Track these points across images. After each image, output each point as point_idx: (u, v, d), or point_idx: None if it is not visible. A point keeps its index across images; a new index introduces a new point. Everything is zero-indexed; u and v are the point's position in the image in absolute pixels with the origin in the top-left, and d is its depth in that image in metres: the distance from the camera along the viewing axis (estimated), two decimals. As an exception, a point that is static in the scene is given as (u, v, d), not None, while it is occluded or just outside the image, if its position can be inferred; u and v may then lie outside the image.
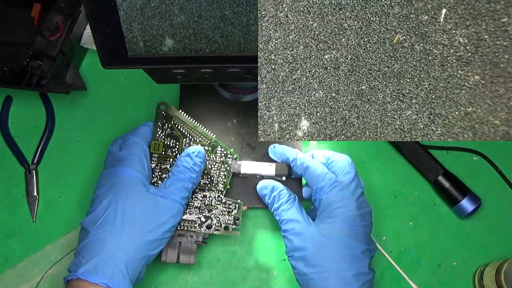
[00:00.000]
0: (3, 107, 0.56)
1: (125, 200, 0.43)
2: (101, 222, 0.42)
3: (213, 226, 0.48)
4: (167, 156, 0.49)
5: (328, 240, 0.42)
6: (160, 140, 0.50)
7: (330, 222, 0.43)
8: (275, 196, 0.47)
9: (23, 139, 0.55)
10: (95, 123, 0.56)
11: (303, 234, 0.43)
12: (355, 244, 0.42)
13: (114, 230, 0.42)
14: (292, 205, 0.46)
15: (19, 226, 0.52)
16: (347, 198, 0.44)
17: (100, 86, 0.57)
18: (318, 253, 0.42)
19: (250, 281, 0.51)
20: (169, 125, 0.50)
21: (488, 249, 0.52)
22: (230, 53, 0.34)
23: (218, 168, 0.50)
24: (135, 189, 0.44)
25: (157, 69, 0.37)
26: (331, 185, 0.44)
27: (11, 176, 0.54)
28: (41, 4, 0.50)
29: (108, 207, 0.43)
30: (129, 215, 0.43)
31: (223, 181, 0.49)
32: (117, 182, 0.44)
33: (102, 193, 0.44)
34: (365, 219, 0.44)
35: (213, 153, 0.50)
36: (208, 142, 0.50)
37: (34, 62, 0.49)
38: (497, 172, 0.54)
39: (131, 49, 0.33)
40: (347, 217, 0.43)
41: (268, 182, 0.48)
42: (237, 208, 0.48)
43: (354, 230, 0.43)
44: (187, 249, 0.48)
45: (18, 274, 0.50)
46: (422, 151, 0.53)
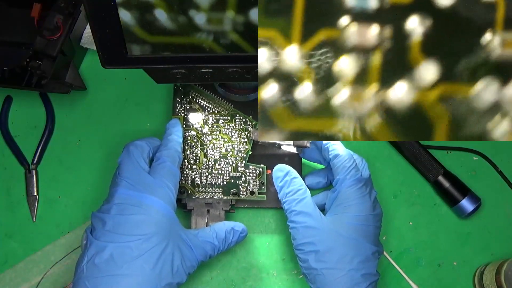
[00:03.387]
0: (3, 107, 0.56)
1: (161, 242, 0.40)
2: (123, 260, 0.39)
3: (239, 192, 0.49)
4: (188, 128, 0.51)
5: (342, 237, 0.42)
6: (180, 114, 0.51)
7: (345, 218, 0.43)
8: (287, 181, 0.45)
9: (23, 139, 0.55)
10: (95, 123, 0.56)
11: (316, 229, 0.42)
12: (367, 244, 0.42)
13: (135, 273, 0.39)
14: (305, 196, 0.44)
15: (19, 226, 0.52)
16: (365, 197, 0.44)
17: (100, 86, 0.57)
18: (330, 249, 0.42)
19: (250, 281, 0.51)
20: (187, 99, 0.51)
21: (488, 249, 0.52)
22: (230, 53, 0.34)
23: (239, 136, 0.51)
24: (173, 233, 0.41)
25: (157, 69, 0.37)
26: (355, 179, 0.44)
27: (11, 176, 0.54)
28: (41, 4, 0.50)
29: (142, 249, 0.39)
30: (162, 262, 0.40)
31: (245, 147, 0.50)
32: (154, 219, 0.40)
33: (134, 223, 0.40)
34: (378, 220, 0.44)
35: (232, 122, 0.51)
36: (226, 112, 0.51)
37: (34, 62, 0.49)
38: (497, 172, 0.54)
39: (131, 49, 0.33)
40: (362, 215, 0.43)
41: (285, 165, 0.47)
42: (262, 172, 0.49)
43: (367, 230, 0.43)
44: (215, 216, 0.49)
45: (18, 274, 0.50)
46: (422, 151, 0.53)
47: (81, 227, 0.52)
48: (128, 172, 0.42)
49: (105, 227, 0.40)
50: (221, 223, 0.46)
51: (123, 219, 0.40)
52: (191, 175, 0.50)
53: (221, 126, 0.51)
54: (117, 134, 0.55)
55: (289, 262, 0.51)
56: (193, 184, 0.50)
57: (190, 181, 0.50)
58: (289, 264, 0.51)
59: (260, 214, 0.53)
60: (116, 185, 0.42)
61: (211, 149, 0.51)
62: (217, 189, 0.50)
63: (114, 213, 0.40)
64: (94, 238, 0.40)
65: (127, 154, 0.43)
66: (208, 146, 0.51)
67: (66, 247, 0.51)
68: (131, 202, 0.40)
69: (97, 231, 0.40)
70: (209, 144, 0.51)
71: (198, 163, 0.50)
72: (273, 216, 0.52)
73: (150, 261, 0.39)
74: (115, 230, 0.39)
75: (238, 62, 0.35)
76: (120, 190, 0.41)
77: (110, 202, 0.41)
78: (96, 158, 0.54)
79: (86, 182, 0.54)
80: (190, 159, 0.50)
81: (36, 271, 0.50)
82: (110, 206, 0.41)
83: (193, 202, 0.49)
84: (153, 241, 0.39)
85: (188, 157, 0.50)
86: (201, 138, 0.51)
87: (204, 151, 0.51)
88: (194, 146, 0.51)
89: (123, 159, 0.43)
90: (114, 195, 0.41)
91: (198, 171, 0.50)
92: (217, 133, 0.51)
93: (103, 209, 0.41)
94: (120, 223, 0.40)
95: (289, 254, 0.51)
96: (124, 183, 0.41)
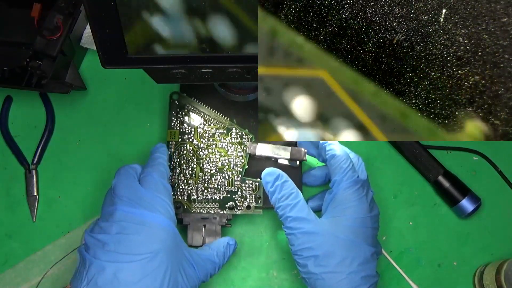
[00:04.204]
0: (3, 107, 0.56)
1: (167, 260, 0.39)
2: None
3: (236, 207, 0.49)
4: (184, 142, 0.51)
5: (341, 240, 0.42)
6: (176, 128, 0.51)
7: (343, 221, 0.42)
8: (278, 185, 0.45)
9: (23, 139, 0.55)
10: (95, 123, 0.56)
11: (314, 233, 0.42)
12: (365, 246, 0.42)
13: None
14: (297, 201, 0.43)
15: (19, 226, 0.52)
16: (362, 198, 0.43)
17: (100, 86, 0.57)
18: (329, 253, 0.41)
19: (250, 281, 0.51)
20: (182, 113, 0.51)
21: (488, 249, 0.52)
22: (230, 53, 0.34)
23: (235, 149, 0.50)
24: (177, 250, 0.40)
25: (157, 69, 0.37)
26: (351, 181, 0.43)
27: (11, 176, 0.54)
28: (41, 4, 0.50)
29: (147, 268, 0.38)
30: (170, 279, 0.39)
31: (241, 161, 0.50)
32: (158, 236, 0.39)
33: (138, 241, 0.38)
34: (375, 221, 0.44)
35: (228, 135, 0.51)
36: (222, 125, 0.51)
37: (34, 62, 0.49)
38: (497, 172, 0.54)
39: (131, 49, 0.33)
40: (359, 218, 0.42)
41: (274, 169, 0.46)
42: (258, 186, 0.49)
43: (365, 231, 0.42)
44: (212, 231, 0.48)
45: (18, 274, 0.50)
46: (422, 151, 0.53)
47: (81, 227, 0.52)
48: (125, 190, 0.40)
49: (106, 246, 0.38)
50: (216, 241, 0.46)
51: (125, 238, 0.38)
52: (187, 190, 0.50)
53: (217, 139, 0.51)
54: (117, 134, 0.55)
55: (289, 262, 0.51)
56: (189, 199, 0.49)
57: (186, 196, 0.49)
58: (289, 264, 0.51)
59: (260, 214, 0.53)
60: (114, 203, 0.40)
61: (207, 163, 0.50)
62: (213, 204, 0.49)
63: (115, 232, 0.38)
64: (93, 257, 0.38)
65: (121, 174, 0.42)
66: (204, 160, 0.50)
67: (66, 247, 0.51)
68: (132, 220, 0.39)
69: (96, 251, 0.38)
70: (205, 158, 0.50)
71: (194, 177, 0.50)
72: (273, 216, 0.52)
73: (155, 281, 0.38)
74: (117, 250, 0.37)
75: (238, 62, 0.35)
76: (120, 208, 0.39)
77: (109, 221, 0.39)
78: (96, 158, 0.54)
79: (86, 182, 0.53)
80: (186, 174, 0.50)
81: (36, 271, 0.50)
82: (110, 225, 0.39)
83: (189, 217, 0.49)
84: (157, 259, 0.38)
85: (184, 171, 0.50)
86: (197, 152, 0.50)
87: (200, 165, 0.50)
88: (190, 160, 0.50)
89: (117, 180, 0.42)
90: (114, 213, 0.39)
91: (194, 185, 0.50)
92: (213, 147, 0.50)
93: (101, 228, 0.39)
94: (122, 242, 0.38)
95: (289, 254, 0.51)
96: (122, 201, 0.40)
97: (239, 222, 0.52)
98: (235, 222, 0.52)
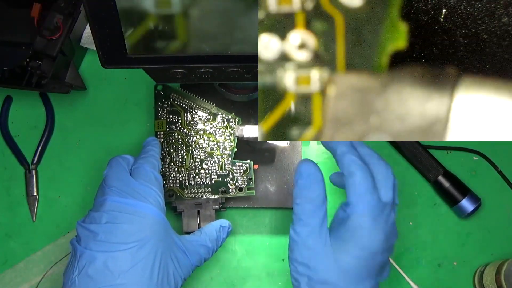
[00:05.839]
0: (3, 107, 0.56)
1: (156, 250, 0.39)
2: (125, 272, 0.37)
3: (228, 190, 0.49)
4: (171, 131, 0.51)
5: (340, 269, 0.36)
6: (163, 118, 0.51)
7: (350, 248, 0.36)
8: (305, 185, 0.37)
9: (23, 139, 0.55)
10: (95, 123, 0.56)
11: (315, 253, 0.37)
12: (367, 280, 0.37)
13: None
14: (320, 209, 0.37)
15: (19, 226, 0.52)
16: (379, 227, 0.36)
17: (100, 86, 0.57)
18: (325, 281, 0.36)
19: (250, 281, 0.51)
20: (168, 102, 0.51)
21: (488, 249, 0.52)
22: (230, 53, 0.34)
23: (223, 133, 0.51)
24: (167, 238, 0.40)
25: (157, 69, 0.37)
26: (369, 207, 0.36)
27: (11, 176, 0.54)
28: (41, 4, 0.50)
29: (137, 256, 0.38)
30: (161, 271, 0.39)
31: (230, 144, 0.50)
32: (148, 225, 0.39)
33: (127, 230, 0.38)
34: (391, 250, 0.38)
35: (215, 120, 0.51)
36: (208, 111, 0.51)
37: (34, 62, 0.49)
38: (497, 172, 0.54)
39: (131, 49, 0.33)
40: (373, 248, 0.36)
41: (312, 164, 0.38)
42: (248, 168, 0.49)
43: (372, 263, 0.36)
44: (207, 216, 0.49)
45: (18, 274, 0.50)
46: (422, 151, 0.53)
47: (81, 227, 0.52)
48: (115, 180, 0.41)
49: (96, 236, 0.38)
50: (209, 225, 0.46)
51: (115, 227, 0.38)
52: (179, 178, 0.50)
53: (204, 125, 0.51)
54: (117, 134, 0.55)
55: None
56: (181, 186, 0.50)
57: (178, 183, 0.50)
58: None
59: (260, 214, 0.53)
60: (104, 194, 0.40)
61: (196, 149, 0.50)
62: (205, 189, 0.49)
63: (105, 222, 0.38)
64: (84, 248, 0.38)
65: (112, 165, 0.42)
66: (193, 147, 0.50)
67: (66, 247, 0.51)
68: (122, 210, 0.39)
69: (87, 241, 0.38)
70: (194, 144, 0.50)
71: (184, 164, 0.50)
72: (272, 216, 0.52)
73: (146, 269, 0.38)
74: (107, 239, 0.38)
75: (238, 62, 0.35)
76: (110, 198, 0.40)
77: (99, 211, 0.39)
78: (96, 158, 0.54)
79: (86, 182, 0.54)
80: (177, 162, 0.50)
81: (36, 271, 0.50)
82: (100, 215, 0.39)
83: (183, 204, 0.49)
84: (147, 248, 0.38)
85: (174, 159, 0.50)
86: (185, 140, 0.51)
87: (190, 152, 0.50)
88: (179, 149, 0.50)
89: (108, 170, 0.42)
90: (104, 203, 0.39)
91: (185, 172, 0.50)
92: (201, 133, 0.51)
93: (91, 218, 0.39)
94: (112, 231, 0.38)
95: (289, 254, 0.51)
96: (112, 191, 0.40)
97: (239, 222, 0.52)
98: (235, 222, 0.52)
